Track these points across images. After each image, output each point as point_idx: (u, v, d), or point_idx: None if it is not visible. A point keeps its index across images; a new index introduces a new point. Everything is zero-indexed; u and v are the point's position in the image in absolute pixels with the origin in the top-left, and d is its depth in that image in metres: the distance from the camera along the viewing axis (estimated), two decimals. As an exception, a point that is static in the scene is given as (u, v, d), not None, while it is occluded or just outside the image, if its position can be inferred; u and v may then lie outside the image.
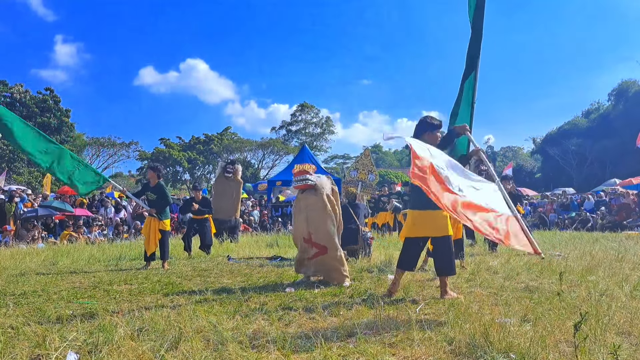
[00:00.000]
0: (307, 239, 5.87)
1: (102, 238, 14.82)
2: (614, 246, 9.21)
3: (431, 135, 4.69)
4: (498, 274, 5.93)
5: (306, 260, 5.92)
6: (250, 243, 12.27)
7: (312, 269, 5.90)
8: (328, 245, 5.71)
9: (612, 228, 15.63)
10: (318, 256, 5.77)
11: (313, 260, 5.84)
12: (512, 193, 9.69)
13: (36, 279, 6.40)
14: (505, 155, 69.06)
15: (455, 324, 3.40)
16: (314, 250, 5.80)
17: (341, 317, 3.80)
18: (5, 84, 37.97)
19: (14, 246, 11.69)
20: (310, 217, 5.84)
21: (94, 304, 4.54)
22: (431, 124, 4.78)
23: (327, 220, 5.77)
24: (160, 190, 7.81)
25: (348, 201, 8.40)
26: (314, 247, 5.81)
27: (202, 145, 49.10)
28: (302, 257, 5.96)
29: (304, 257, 5.93)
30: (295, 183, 5.98)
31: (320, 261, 5.77)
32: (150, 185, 7.93)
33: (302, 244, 5.96)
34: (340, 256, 5.67)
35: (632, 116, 36.26)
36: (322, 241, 5.74)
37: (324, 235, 5.74)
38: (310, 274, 5.96)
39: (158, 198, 7.76)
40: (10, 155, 34.12)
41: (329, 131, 57.87)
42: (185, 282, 6.04)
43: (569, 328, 3.14)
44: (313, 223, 5.81)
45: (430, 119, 4.83)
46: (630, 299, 4.28)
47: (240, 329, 3.48)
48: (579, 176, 42.14)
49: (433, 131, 4.76)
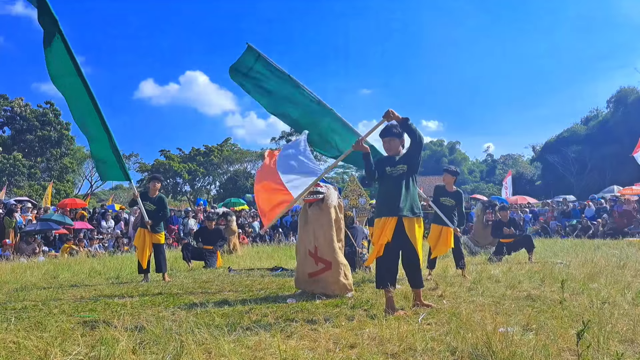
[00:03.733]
0: (312, 252, 5.69)
1: (103, 251, 14.80)
2: (616, 253, 9.18)
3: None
4: (500, 282, 5.92)
5: (307, 276, 5.70)
6: (251, 254, 12.26)
7: (313, 286, 5.65)
8: (333, 261, 5.55)
9: (614, 235, 15.60)
10: (323, 272, 5.56)
11: (316, 277, 5.62)
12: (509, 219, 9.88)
13: (37, 292, 6.38)
14: (505, 163, 69.15)
15: (458, 333, 3.38)
16: (320, 266, 5.60)
17: (343, 328, 3.79)
18: (6, 97, 38.15)
19: (14, 260, 11.67)
20: (317, 231, 5.70)
21: (95, 317, 4.53)
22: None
23: (333, 235, 5.65)
24: (160, 202, 7.76)
25: (345, 224, 8.42)
26: (319, 262, 5.61)
27: (202, 156, 49.16)
28: (303, 272, 5.75)
29: (306, 273, 5.72)
30: (308, 196, 5.83)
31: (324, 278, 5.57)
32: (149, 195, 7.84)
33: (306, 258, 5.75)
34: (344, 271, 5.52)
35: (632, 123, 36.39)
36: (328, 257, 5.58)
37: (329, 250, 5.59)
38: (313, 290, 5.67)
39: (157, 210, 7.70)
40: (10, 169, 34.18)
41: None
42: (186, 294, 6.03)
43: (572, 336, 3.13)
44: (320, 238, 5.65)
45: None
46: (632, 306, 4.27)
47: (242, 341, 3.47)
48: (579, 183, 42.14)
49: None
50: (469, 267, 7.26)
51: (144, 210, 7.50)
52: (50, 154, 38.91)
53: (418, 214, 4.48)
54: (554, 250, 10.67)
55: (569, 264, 7.55)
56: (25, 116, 38.13)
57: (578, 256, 8.81)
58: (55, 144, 39.12)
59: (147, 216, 7.58)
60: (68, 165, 40.25)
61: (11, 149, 36.91)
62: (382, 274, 4.45)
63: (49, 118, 38.76)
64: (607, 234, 16.31)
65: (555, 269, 6.92)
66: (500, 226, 9.63)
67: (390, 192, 4.50)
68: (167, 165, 45.93)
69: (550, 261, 8.42)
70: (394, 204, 4.43)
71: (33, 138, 37.89)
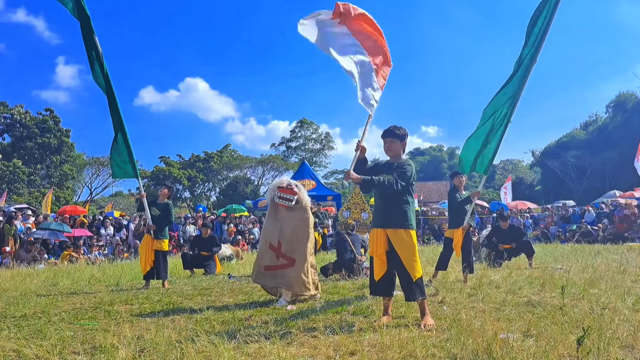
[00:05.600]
0: (274, 247, 5.72)
1: (103, 258, 14.78)
2: (616, 258, 9.18)
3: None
4: (500, 288, 5.91)
5: (263, 268, 5.74)
6: (251, 261, 12.23)
7: (271, 279, 5.68)
8: (298, 259, 5.59)
9: (614, 240, 15.60)
10: (284, 268, 5.61)
11: (274, 271, 5.66)
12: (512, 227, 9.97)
13: (37, 300, 6.37)
14: (505, 168, 69.14)
15: (458, 340, 3.38)
16: (281, 261, 5.65)
17: (343, 335, 3.78)
18: (6, 105, 38.22)
19: (13, 267, 11.65)
20: (284, 229, 5.72)
21: (94, 325, 4.52)
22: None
23: (307, 234, 5.70)
24: (166, 208, 7.83)
25: (346, 231, 8.45)
26: (281, 257, 5.66)
27: (202, 162, 49.22)
28: (259, 264, 5.79)
29: (262, 265, 5.76)
30: (279, 200, 5.83)
31: (282, 273, 5.61)
32: (157, 201, 7.99)
33: (267, 251, 5.78)
34: (307, 268, 5.57)
35: (631, 128, 36.44)
36: (293, 254, 5.61)
37: (298, 249, 5.63)
38: (270, 284, 5.75)
39: (161, 216, 7.75)
40: (10, 176, 34.18)
41: (329, 147, 58.12)
42: (186, 301, 6.02)
43: (572, 343, 3.13)
44: (287, 235, 5.69)
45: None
46: (633, 312, 4.26)
47: (242, 348, 3.46)
48: (579, 188, 42.11)
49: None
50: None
51: (149, 214, 7.60)
52: (50, 161, 38.95)
53: (408, 226, 4.35)
54: (555, 256, 10.66)
55: (569, 270, 7.54)
56: (25, 123, 38.21)
57: (578, 261, 8.81)
58: (55, 151, 39.17)
59: (152, 220, 7.70)
60: (68, 172, 40.28)
61: (11, 156, 36.95)
62: (375, 282, 4.48)
63: (48, 125, 38.83)
64: (607, 239, 16.31)
65: (556, 275, 6.92)
66: (499, 235, 9.68)
67: (380, 202, 4.49)
68: (167, 172, 46.00)
69: (551, 267, 8.42)
70: (382, 214, 4.44)
71: (33, 145, 37.95)
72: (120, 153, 7.49)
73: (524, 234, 10.25)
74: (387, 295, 4.47)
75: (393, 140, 4.55)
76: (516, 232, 9.91)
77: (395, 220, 4.36)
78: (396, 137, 4.55)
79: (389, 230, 4.37)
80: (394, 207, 4.38)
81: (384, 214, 4.41)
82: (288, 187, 5.91)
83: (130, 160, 7.53)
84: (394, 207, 4.37)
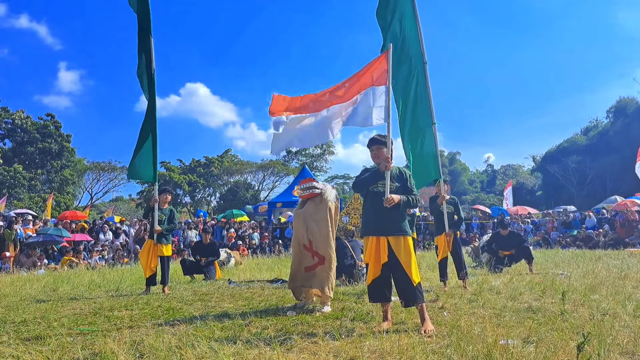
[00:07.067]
0: (307, 246, 5.74)
1: (103, 263, 14.77)
2: (617, 264, 9.17)
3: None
4: (501, 294, 5.90)
5: (304, 270, 5.71)
6: (251, 266, 12.23)
7: (309, 280, 5.67)
8: (327, 257, 5.60)
9: (615, 245, 15.58)
10: (317, 266, 5.62)
11: (312, 271, 5.65)
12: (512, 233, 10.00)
13: (36, 306, 6.36)
14: (506, 174, 69.23)
15: (459, 346, 3.37)
16: (315, 259, 5.65)
17: (343, 341, 3.77)
18: (7, 110, 38.28)
19: (14, 272, 11.65)
20: (310, 227, 5.73)
21: (94, 331, 4.52)
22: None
23: (328, 232, 5.67)
24: (170, 213, 7.85)
25: (346, 237, 8.46)
26: (315, 256, 5.66)
27: (202, 167, 49.21)
28: (300, 267, 5.77)
29: (302, 266, 5.74)
30: (302, 192, 5.87)
31: (314, 273, 5.62)
32: (160, 207, 7.93)
33: (302, 251, 5.79)
34: (333, 272, 5.58)
35: (631, 133, 36.47)
36: (322, 252, 5.62)
37: (325, 245, 5.62)
38: (306, 285, 5.71)
39: (166, 220, 7.76)
40: (11, 181, 34.21)
41: (329, 152, 58.08)
42: (186, 306, 6.01)
43: (572, 349, 3.12)
44: (313, 232, 5.70)
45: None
46: (633, 318, 4.25)
47: (242, 354, 3.45)
48: (580, 193, 42.14)
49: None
50: (470, 279, 7.22)
51: (156, 218, 7.56)
52: (50, 166, 38.98)
53: (407, 233, 4.44)
54: (555, 261, 10.65)
55: (570, 275, 7.53)
56: (26, 128, 38.25)
57: (579, 267, 8.79)
58: (56, 156, 39.20)
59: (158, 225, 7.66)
60: (68, 177, 40.31)
61: (12, 161, 36.97)
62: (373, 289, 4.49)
63: (49, 130, 38.87)
64: (608, 244, 16.29)
65: (556, 280, 6.90)
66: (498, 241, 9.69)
67: (380, 210, 4.48)
68: (168, 177, 45.99)
69: (552, 272, 8.40)
70: (385, 222, 4.44)
71: (34, 150, 37.99)
72: (144, 155, 7.44)
73: (523, 240, 10.25)
74: (385, 301, 4.48)
75: (380, 147, 4.64)
76: (516, 238, 9.92)
77: (397, 227, 4.41)
78: (382, 144, 4.65)
79: (391, 237, 4.39)
80: (395, 214, 4.43)
81: (387, 221, 4.43)
82: (308, 179, 6.02)
83: (153, 165, 7.50)
84: (395, 215, 4.43)
